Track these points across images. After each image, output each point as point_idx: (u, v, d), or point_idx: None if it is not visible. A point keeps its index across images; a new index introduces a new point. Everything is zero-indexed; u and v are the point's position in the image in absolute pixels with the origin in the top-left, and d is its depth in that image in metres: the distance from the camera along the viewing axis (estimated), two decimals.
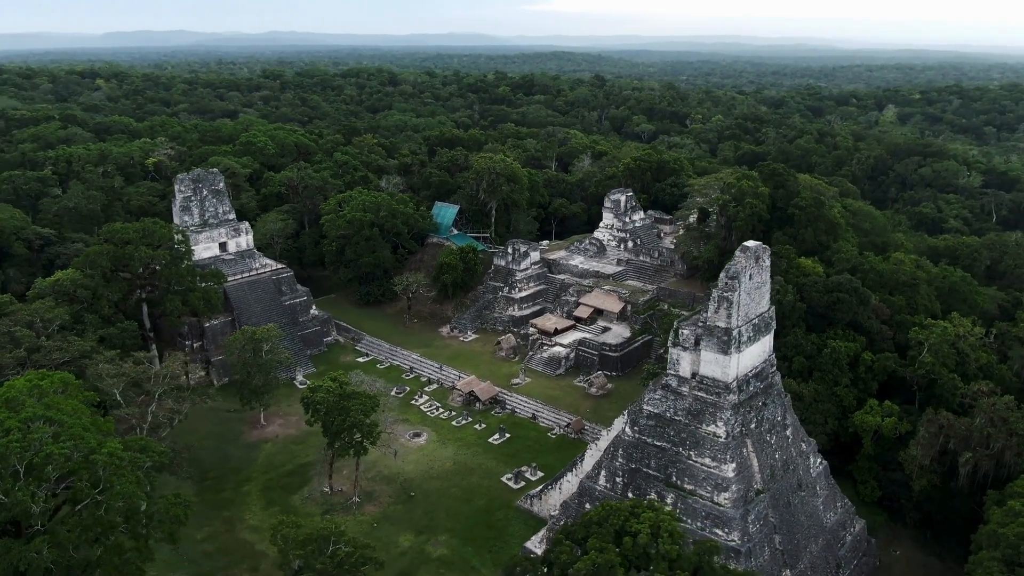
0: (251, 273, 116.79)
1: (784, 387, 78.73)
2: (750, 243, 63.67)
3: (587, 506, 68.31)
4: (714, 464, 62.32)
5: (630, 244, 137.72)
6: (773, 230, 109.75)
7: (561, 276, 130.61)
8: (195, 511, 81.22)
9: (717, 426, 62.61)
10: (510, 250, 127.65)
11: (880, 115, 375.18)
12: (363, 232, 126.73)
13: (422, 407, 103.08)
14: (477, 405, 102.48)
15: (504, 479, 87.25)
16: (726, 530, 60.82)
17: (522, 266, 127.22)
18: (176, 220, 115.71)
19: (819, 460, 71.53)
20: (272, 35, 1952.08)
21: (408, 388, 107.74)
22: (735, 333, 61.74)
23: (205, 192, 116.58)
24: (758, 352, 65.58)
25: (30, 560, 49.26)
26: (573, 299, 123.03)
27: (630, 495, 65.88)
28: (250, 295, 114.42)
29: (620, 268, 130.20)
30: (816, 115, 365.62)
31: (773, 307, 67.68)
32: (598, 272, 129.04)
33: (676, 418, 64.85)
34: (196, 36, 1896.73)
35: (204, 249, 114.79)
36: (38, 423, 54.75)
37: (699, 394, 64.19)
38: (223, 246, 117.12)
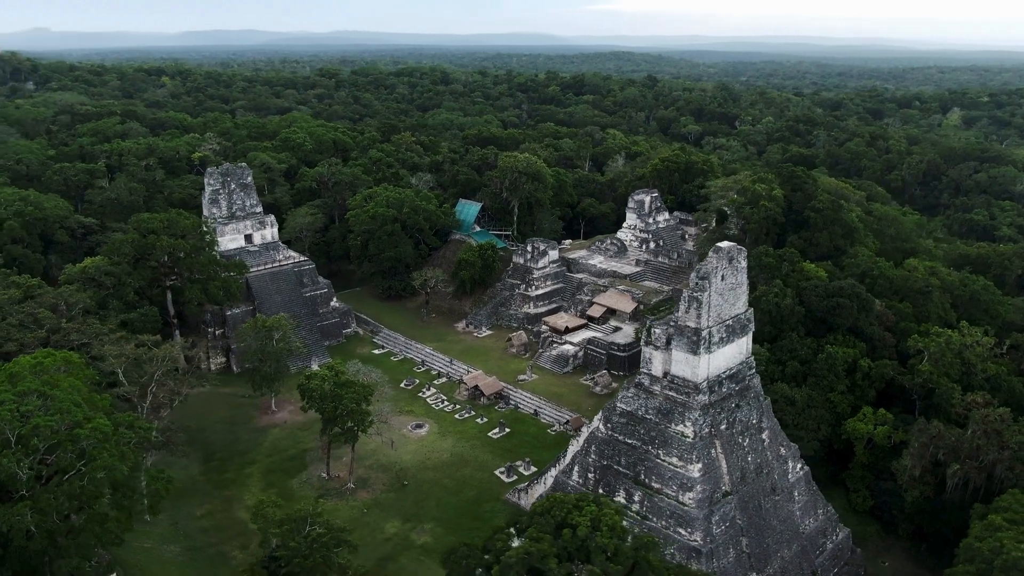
0: (274, 264, 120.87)
1: (776, 391, 78.32)
2: (723, 244, 63.58)
3: None
4: (681, 464, 62.50)
5: (652, 245, 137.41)
6: (788, 233, 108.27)
7: (579, 275, 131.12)
8: (198, 489, 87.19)
9: (685, 426, 62.76)
10: (529, 248, 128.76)
11: (944, 118, 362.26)
12: (385, 227, 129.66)
13: (428, 399, 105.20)
14: (482, 400, 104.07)
15: (497, 472, 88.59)
16: (689, 530, 60.98)
17: (539, 264, 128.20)
18: (205, 212, 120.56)
19: (799, 466, 70.76)
20: (339, 35, 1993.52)
21: (418, 381, 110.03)
22: (705, 333, 61.79)
23: (233, 186, 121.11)
24: (733, 353, 65.38)
25: (12, 522, 52.86)
26: (587, 298, 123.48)
27: (601, 491, 66.58)
28: (271, 286, 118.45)
29: (638, 269, 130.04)
30: (875, 118, 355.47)
31: (751, 309, 67.33)
32: (616, 272, 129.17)
33: (647, 416, 65.22)
34: (267, 35, 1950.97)
35: (230, 240, 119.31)
36: (31, 397, 58.58)
37: (670, 393, 64.43)
38: (248, 238, 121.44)
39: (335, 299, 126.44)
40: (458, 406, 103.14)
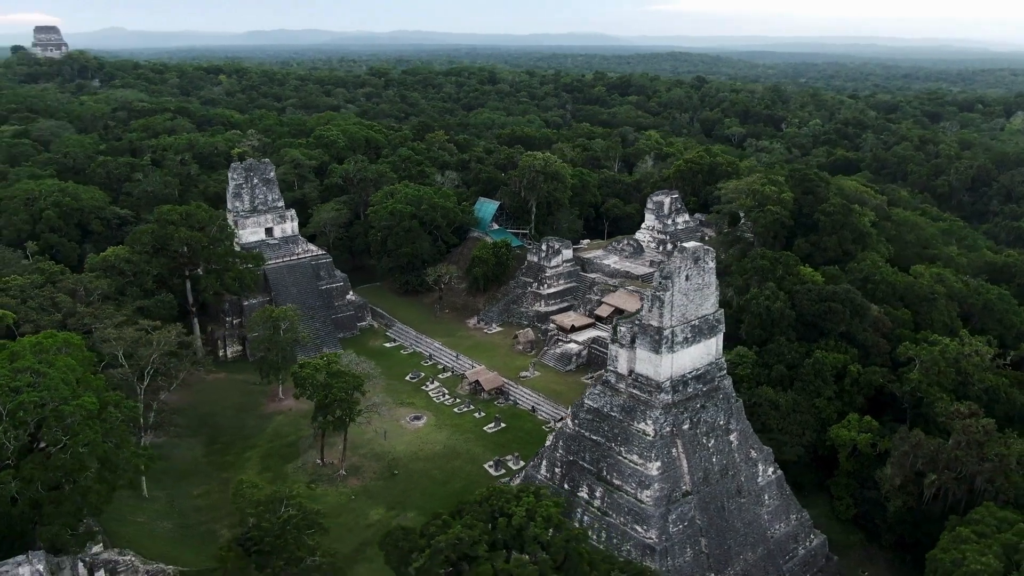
0: (292, 258, 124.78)
1: (760, 395, 77.92)
2: (689, 244, 63.80)
3: None
4: (640, 461, 63.01)
5: (669, 246, 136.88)
6: (797, 236, 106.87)
7: (592, 275, 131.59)
8: (199, 470, 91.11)
9: (646, 424, 63.23)
10: (543, 247, 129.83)
11: (1007, 122, 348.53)
12: (403, 223, 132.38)
13: (431, 393, 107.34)
14: (482, 395, 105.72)
15: (486, 466, 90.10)
16: (645, 527, 61.48)
17: (552, 263, 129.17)
18: (229, 205, 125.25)
19: (772, 470, 70.33)
20: (398, 34, 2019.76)
21: (423, 374, 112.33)
22: (667, 333, 62.15)
23: (256, 180, 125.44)
24: (700, 354, 65.49)
25: None
26: (596, 298, 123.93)
27: (566, 486, 67.57)
28: (288, 278, 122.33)
29: (651, 270, 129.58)
30: (933, 121, 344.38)
31: (721, 311, 67.26)
32: (628, 273, 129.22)
33: (612, 414, 65.87)
34: (328, 35, 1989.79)
35: (251, 233, 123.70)
36: (25, 374, 62.57)
37: (633, 391, 64.96)
38: (269, 231, 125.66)
39: (351, 292, 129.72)
40: (458, 400, 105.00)
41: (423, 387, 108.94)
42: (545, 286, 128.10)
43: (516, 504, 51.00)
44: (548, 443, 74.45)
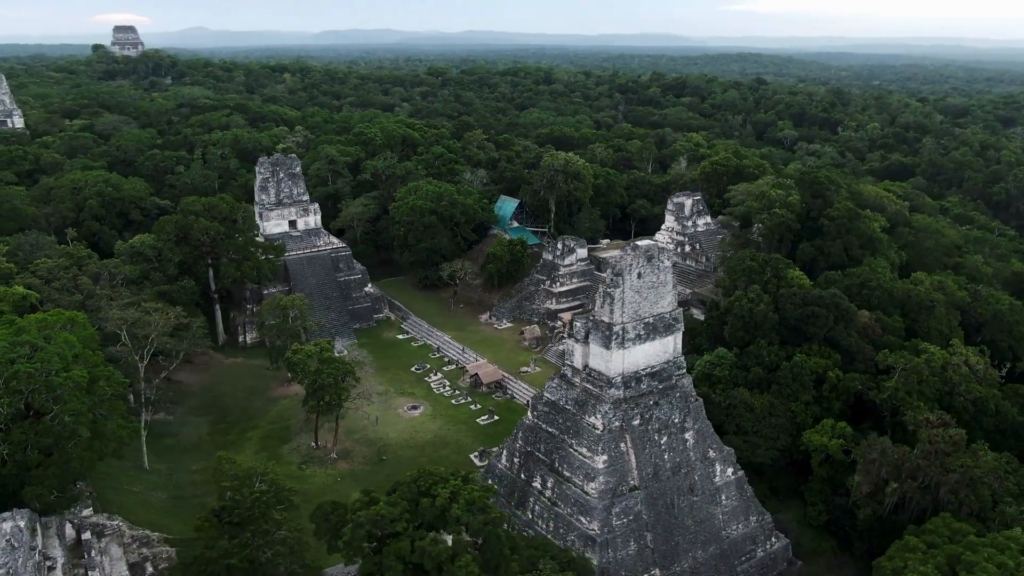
0: (313, 249, 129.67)
1: (736, 397, 78.10)
2: (641, 242, 64.76)
3: (489, 482, 72.45)
4: (588, 454, 64.30)
5: (687, 248, 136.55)
6: (802, 240, 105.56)
7: (606, 275, 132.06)
8: (201, 447, 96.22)
9: (596, 418, 64.48)
10: (559, 245, 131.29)
11: None
12: (423, 219, 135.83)
13: (433, 384, 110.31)
14: (481, 388, 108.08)
15: (472, 456, 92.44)
16: (588, 519, 62.77)
17: (567, 261, 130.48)
18: (256, 198, 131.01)
19: (732, 470, 70.42)
20: (469, 34, 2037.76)
21: (428, 366, 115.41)
22: (618, 329, 63.27)
23: (282, 175, 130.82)
24: (655, 351, 66.29)
25: None
26: None
27: (523, 476, 69.35)
28: (308, 269, 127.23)
29: None
30: (1005, 126, 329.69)
31: (680, 310, 67.90)
32: None
33: (566, 407, 67.33)
34: (400, 35, 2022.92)
35: (275, 225, 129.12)
36: (24, 347, 68.05)
37: (587, 385, 66.27)
38: (293, 224, 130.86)
39: (369, 285, 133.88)
40: (457, 392, 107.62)
41: (426, 378, 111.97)
42: (558, 284, 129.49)
43: (443, 486, 53.12)
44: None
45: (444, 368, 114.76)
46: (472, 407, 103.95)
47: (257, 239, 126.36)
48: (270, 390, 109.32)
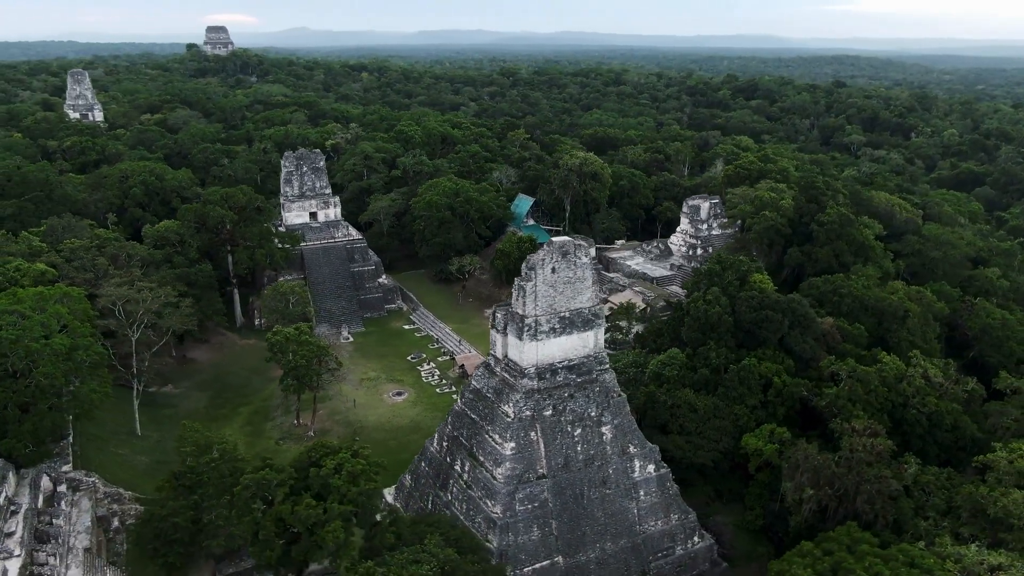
0: (330, 240, 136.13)
1: (680, 397, 78.87)
2: (557, 239, 66.60)
3: (422, 464, 76.06)
4: (500, 441, 66.70)
5: (699, 251, 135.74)
6: (793, 245, 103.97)
7: (613, 275, 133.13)
8: (195, 418, 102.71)
9: (509, 406, 66.80)
10: None
11: None
12: (438, 215, 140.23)
13: (423, 372, 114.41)
14: (468, 378, 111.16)
15: None
16: (492, 502, 65.22)
17: None
18: (281, 189, 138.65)
19: (653, 467, 71.08)
20: (561, 35, 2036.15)
21: (424, 355, 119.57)
22: (530, 321, 65.41)
23: (305, 168, 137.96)
24: (573, 345, 67.93)
25: None
26: (603, 296, 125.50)
27: (447, 459, 72.39)
28: (323, 259, 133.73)
29: (670, 273, 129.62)
30: None
31: (600, 306, 69.26)
32: (646, 274, 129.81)
33: (487, 395, 69.89)
34: (493, 35, 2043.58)
35: (296, 216, 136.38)
36: (12, 315, 75.97)
37: (504, 375, 68.66)
38: (313, 215, 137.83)
39: (384, 276, 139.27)
40: (444, 381, 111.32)
41: (419, 367, 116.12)
42: None
43: (331, 459, 56.89)
44: None
45: (439, 358, 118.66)
46: (455, 396, 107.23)
47: (280, 229, 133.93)
48: (271, 371, 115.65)
